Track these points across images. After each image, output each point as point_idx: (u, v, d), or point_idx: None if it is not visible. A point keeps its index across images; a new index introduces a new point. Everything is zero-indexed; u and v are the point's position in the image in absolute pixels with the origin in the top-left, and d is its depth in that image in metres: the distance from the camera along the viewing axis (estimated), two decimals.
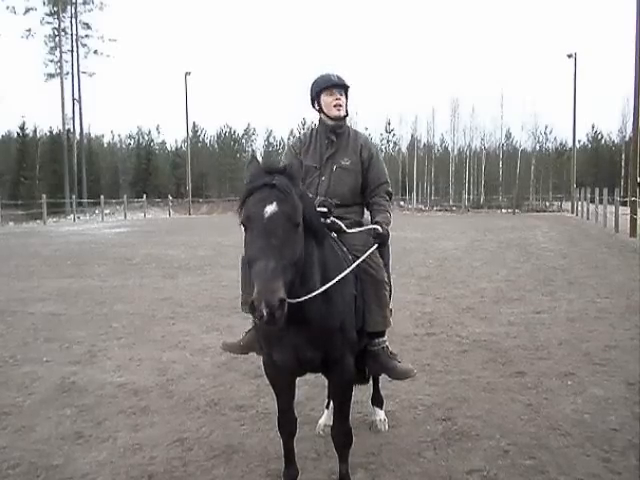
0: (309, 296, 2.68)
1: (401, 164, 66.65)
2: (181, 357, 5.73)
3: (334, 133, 3.54)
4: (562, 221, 28.11)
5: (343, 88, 3.54)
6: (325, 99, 3.50)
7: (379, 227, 3.32)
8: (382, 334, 3.40)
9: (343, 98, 3.53)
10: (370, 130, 76.90)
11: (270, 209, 2.46)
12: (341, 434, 3.14)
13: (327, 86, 3.50)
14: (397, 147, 71.54)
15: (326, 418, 3.98)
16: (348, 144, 3.54)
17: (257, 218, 2.46)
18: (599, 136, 69.50)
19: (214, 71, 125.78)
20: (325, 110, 3.52)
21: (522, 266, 11.88)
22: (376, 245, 3.26)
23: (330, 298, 2.80)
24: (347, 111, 3.55)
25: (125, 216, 37.04)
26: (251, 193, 2.54)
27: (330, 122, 3.52)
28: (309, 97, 3.61)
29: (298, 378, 5.00)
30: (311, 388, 4.78)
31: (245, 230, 2.52)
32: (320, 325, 2.82)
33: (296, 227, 2.53)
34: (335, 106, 3.49)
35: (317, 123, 3.63)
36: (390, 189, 3.65)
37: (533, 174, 61.39)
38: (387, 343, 3.46)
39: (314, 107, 3.61)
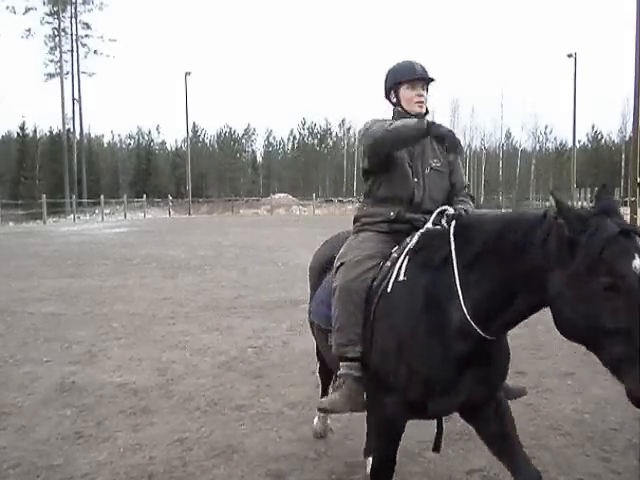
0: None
1: None
2: (181, 357, 5.73)
3: None
4: None
5: (426, 81, 3.07)
6: (405, 93, 3.03)
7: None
8: None
9: (425, 93, 3.08)
10: None
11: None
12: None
13: (411, 78, 3.02)
14: None
15: (321, 422, 3.85)
16: (434, 142, 3.05)
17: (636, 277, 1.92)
18: (599, 136, 69.51)
19: (214, 71, 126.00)
20: (404, 105, 3.04)
21: None
22: None
23: None
24: (427, 108, 3.09)
25: (125, 216, 37.05)
26: (614, 242, 1.95)
27: (411, 116, 3.02)
28: (384, 86, 3.13)
29: (300, 379, 5.01)
30: (311, 388, 4.77)
31: (611, 292, 1.92)
32: (504, 362, 2.60)
33: None
34: (417, 102, 3.02)
35: (393, 117, 3.09)
36: (471, 193, 3.20)
37: (533, 174, 61.48)
38: None
39: (389, 99, 3.13)
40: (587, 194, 28.93)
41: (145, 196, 41.10)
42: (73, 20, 54.97)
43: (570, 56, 38.09)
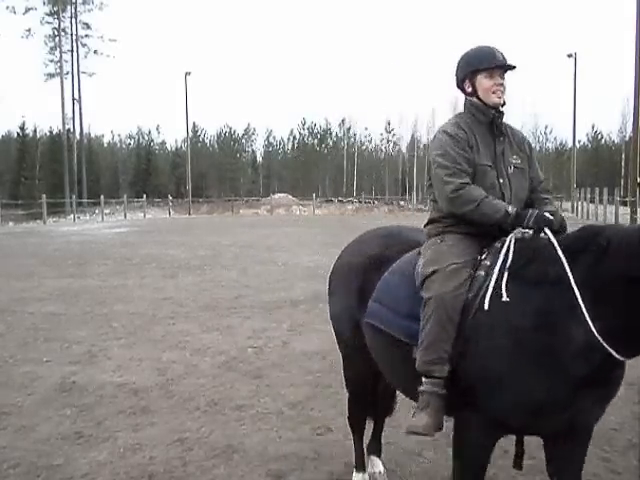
0: None
1: (401, 164, 66.67)
2: (181, 357, 5.73)
3: (501, 123, 2.79)
4: None
5: (505, 69, 2.77)
6: (483, 82, 2.72)
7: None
8: None
9: (505, 82, 2.77)
10: (370, 130, 77.22)
11: None
12: None
13: (490, 66, 2.70)
14: (397, 147, 71.70)
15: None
16: (511, 138, 2.84)
17: None
18: (599, 136, 69.61)
19: (214, 71, 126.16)
20: (481, 95, 2.74)
21: None
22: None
23: None
24: (504, 99, 2.79)
25: (125, 216, 37.03)
26: None
27: (491, 110, 2.75)
28: (456, 74, 2.83)
29: (300, 379, 4.98)
30: (311, 388, 4.78)
31: None
32: (619, 382, 2.43)
33: None
34: (495, 92, 2.72)
35: (467, 109, 2.82)
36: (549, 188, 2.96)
37: None
38: None
39: (462, 88, 2.82)
40: (587, 194, 28.89)
41: (145, 196, 41.07)
42: (73, 20, 55.07)
43: (570, 56, 38.06)
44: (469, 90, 2.78)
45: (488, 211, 2.52)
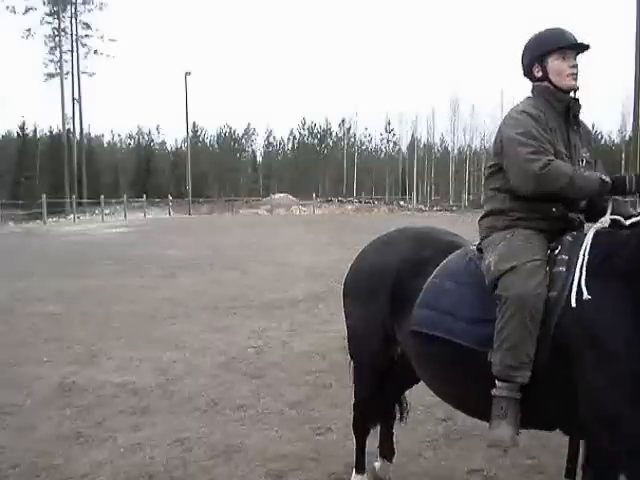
0: None
1: (401, 164, 66.71)
2: (181, 357, 5.73)
3: (579, 112, 2.62)
4: None
5: (578, 51, 2.60)
6: (556, 64, 2.54)
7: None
8: None
9: (577, 64, 2.58)
10: (370, 130, 77.24)
11: None
12: None
13: (563, 46, 2.53)
14: (397, 147, 71.79)
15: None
16: (581, 130, 2.66)
17: None
18: (599, 136, 69.55)
19: (214, 71, 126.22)
20: (553, 79, 2.55)
21: None
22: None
23: None
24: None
25: (125, 216, 36.99)
26: None
27: (566, 95, 2.57)
28: (522, 60, 2.66)
29: (300, 379, 4.99)
30: (311, 388, 4.78)
31: None
32: None
33: None
34: (569, 75, 2.53)
35: (538, 94, 2.62)
36: None
37: None
38: None
39: (531, 74, 2.63)
40: None
41: (145, 196, 41.06)
42: (73, 20, 54.93)
43: None
44: (539, 75, 2.59)
45: (583, 183, 2.33)
